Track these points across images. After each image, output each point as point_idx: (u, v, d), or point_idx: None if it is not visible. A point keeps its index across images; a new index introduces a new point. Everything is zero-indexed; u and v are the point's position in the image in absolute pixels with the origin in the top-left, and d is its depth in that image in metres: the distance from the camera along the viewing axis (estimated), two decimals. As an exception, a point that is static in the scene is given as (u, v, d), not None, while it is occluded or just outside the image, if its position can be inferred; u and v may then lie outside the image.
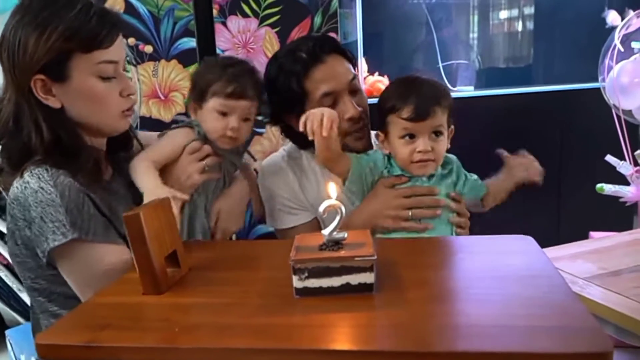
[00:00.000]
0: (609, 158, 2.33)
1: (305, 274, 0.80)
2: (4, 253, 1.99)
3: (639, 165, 2.32)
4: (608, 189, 2.32)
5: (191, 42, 2.01)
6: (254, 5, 2.09)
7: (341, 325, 0.75)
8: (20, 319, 2.04)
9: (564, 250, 1.64)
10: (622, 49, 2.37)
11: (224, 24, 2.07)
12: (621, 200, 2.35)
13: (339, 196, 0.87)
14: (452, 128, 1.28)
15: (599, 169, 2.36)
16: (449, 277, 0.92)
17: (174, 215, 0.97)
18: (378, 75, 2.69)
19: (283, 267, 0.82)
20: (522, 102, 2.85)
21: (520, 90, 2.95)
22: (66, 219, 1.00)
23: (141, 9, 1.96)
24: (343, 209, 0.84)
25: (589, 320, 0.71)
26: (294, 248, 0.83)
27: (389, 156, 1.28)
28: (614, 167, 2.34)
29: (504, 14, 3.48)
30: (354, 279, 0.81)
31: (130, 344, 0.73)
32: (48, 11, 1.02)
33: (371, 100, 1.43)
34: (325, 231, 0.83)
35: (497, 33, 3.51)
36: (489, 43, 3.54)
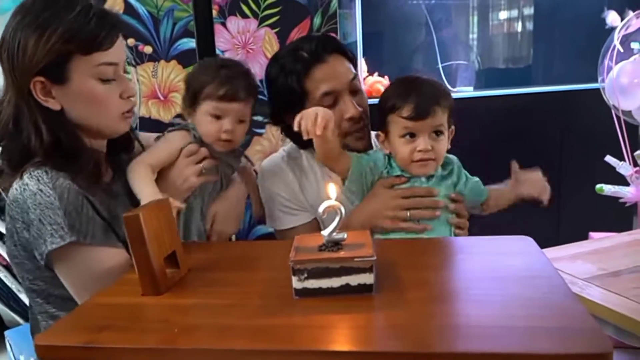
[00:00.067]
0: (609, 159, 2.33)
1: (305, 275, 0.80)
2: (4, 254, 1.99)
3: (638, 166, 2.32)
4: (608, 189, 2.32)
5: (191, 43, 2.01)
6: (253, 6, 2.09)
7: (341, 326, 0.75)
8: (20, 320, 2.03)
9: (563, 250, 1.64)
10: (622, 50, 2.37)
11: (224, 24, 2.07)
12: (621, 200, 2.35)
13: (338, 197, 0.86)
14: (453, 129, 1.28)
15: (599, 169, 2.36)
16: (448, 278, 0.92)
17: (173, 216, 0.97)
18: (377, 75, 2.69)
19: (282, 268, 0.82)
20: (522, 103, 2.85)
21: (519, 90, 2.95)
22: (64, 221, 0.99)
23: (141, 9, 1.96)
24: (342, 210, 0.84)
25: (589, 320, 0.71)
26: (294, 249, 0.83)
27: (389, 156, 1.28)
28: (613, 168, 2.34)
29: (503, 15, 3.48)
30: (354, 280, 0.81)
31: (129, 345, 0.73)
32: (48, 13, 1.02)
33: (370, 101, 1.43)
34: (325, 232, 0.83)
35: (497, 33, 3.51)
36: (488, 43, 3.54)
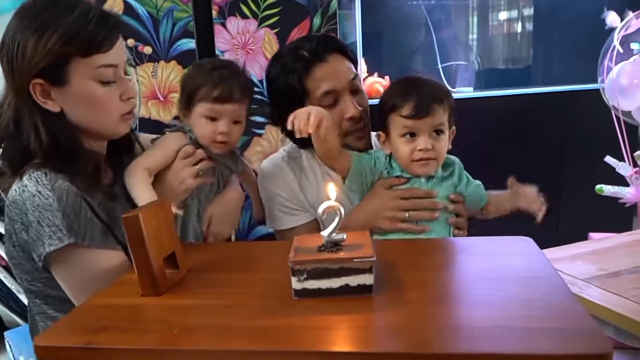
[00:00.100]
0: (609, 159, 2.33)
1: (304, 275, 0.80)
2: (3, 254, 1.99)
3: (638, 167, 2.32)
4: (607, 190, 2.32)
5: (190, 43, 2.01)
6: (253, 7, 2.09)
7: (340, 326, 0.75)
8: (20, 321, 2.03)
9: (563, 251, 1.64)
10: (622, 50, 2.37)
11: (223, 25, 2.07)
12: (620, 201, 2.35)
13: (338, 197, 0.86)
14: (454, 129, 1.28)
15: (599, 170, 2.36)
16: (448, 279, 0.92)
17: (172, 217, 0.97)
18: (377, 76, 2.69)
19: (282, 269, 0.82)
20: (522, 103, 2.85)
21: (519, 91, 2.95)
22: (63, 223, 0.99)
23: (140, 10, 1.96)
24: (342, 211, 0.84)
25: (588, 321, 0.71)
26: (293, 249, 0.83)
27: (390, 157, 1.28)
28: (613, 168, 2.34)
29: (503, 15, 3.48)
30: (353, 281, 0.81)
31: (129, 346, 0.73)
32: (47, 15, 1.01)
33: (370, 101, 1.43)
34: (325, 232, 0.83)
35: (497, 34, 3.51)
36: (488, 44, 3.54)
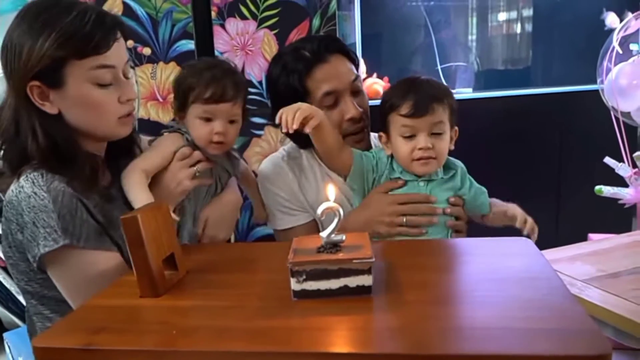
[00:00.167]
0: (608, 160, 2.33)
1: (303, 277, 0.80)
2: (1, 255, 1.99)
3: (637, 167, 2.32)
4: (607, 190, 2.31)
5: (190, 44, 2.01)
6: (252, 8, 2.09)
7: (339, 327, 0.75)
8: (19, 322, 2.03)
9: (562, 252, 1.63)
10: (621, 51, 2.37)
11: (223, 26, 2.07)
12: (620, 202, 2.35)
13: (337, 198, 0.86)
14: (456, 129, 1.27)
15: (598, 170, 2.36)
16: (447, 280, 0.92)
17: (171, 218, 0.97)
18: (376, 77, 2.69)
19: (281, 270, 0.82)
20: (521, 104, 2.84)
21: (519, 92, 2.94)
22: (58, 224, 0.99)
23: (139, 11, 1.95)
24: (341, 212, 0.84)
25: (588, 322, 0.71)
26: (292, 250, 0.83)
27: (392, 158, 1.28)
28: (612, 169, 2.34)
29: (502, 16, 3.48)
30: (352, 282, 0.81)
31: (127, 347, 0.72)
32: (45, 17, 1.01)
33: (369, 102, 1.43)
34: (324, 233, 0.83)
35: (496, 35, 3.50)
36: (487, 45, 3.54)
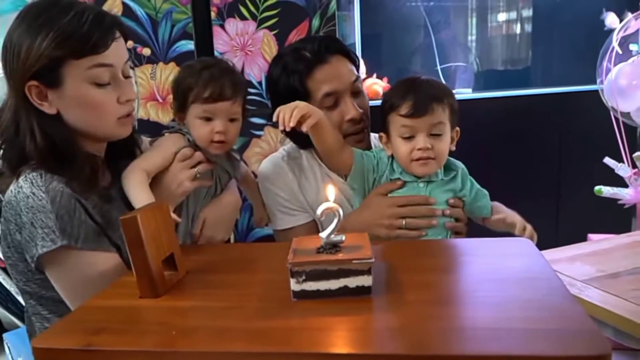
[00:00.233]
0: (607, 160, 2.33)
1: (303, 277, 0.80)
2: (1, 255, 1.99)
3: (637, 168, 2.32)
4: (606, 191, 2.31)
5: (189, 45, 2.01)
6: (252, 8, 2.09)
7: (339, 328, 0.75)
8: (18, 322, 2.03)
9: (562, 252, 1.63)
10: (620, 52, 2.37)
11: (222, 26, 2.07)
12: (619, 202, 2.35)
13: (337, 199, 0.86)
14: (458, 130, 1.26)
15: (598, 171, 2.36)
16: (447, 280, 0.91)
17: (171, 218, 0.97)
18: (376, 77, 2.69)
19: (281, 270, 0.82)
20: (521, 105, 2.85)
21: (518, 92, 2.95)
22: (56, 225, 0.99)
23: (139, 11, 1.95)
24: (341, 212, 0.84)
25: (587, 322, 0.70)
26: (292, 251, 0.83)
27: (392, 159, 1.27)
28: (612, 170, 2.34)
29: (502, 17, 3.48)
30: (352, 282, 0.81)
31: (127, 348, 0.72)
32: (44, 17, 1.02)
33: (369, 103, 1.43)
34: (323, 234, 0.83)
35: (496, 35, 3.51)
36: (487, 45, 3.54)
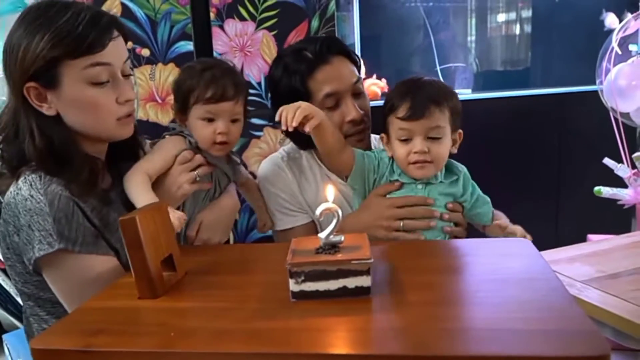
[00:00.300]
0: (607, 161, 2.33)
1: (302, 278, 0.80)
2: (0, 257, 1.98)
3: (636, 168, 2.33)
4: (606, 191, 2.32)
5: (188, 46, 2.01)
6: (251, 9, 2.09)
7: (338, 328, 0.75)
8: (18, 324, 2.02)
9: (562, 253, 1.63)
10: (620, 52, 2.37)
11: (221, 27, 2.07)
12: (619, 202, 2.35)
13: (336, 199, 0.86)
14: (460, 132, 1.25)
15: (597, 171, 2.37)
16: (446, 280, 0.91)
17: (170, 219, 0.97)
18: (375, 78, 2.69)
19: (280, 271, 0.82)
20: (520, 105, 2.85)
21: (518, 93, 2.94)
22: (53, 228, 0.99)
23: (138, 12, 1.95)
24: (340, 213, 0.84)
25: (587, 323, 0.70)
26: (291, 251, 0.83)
27: (393, 160, 1.27)
28: (611, 170, 2.34)
29: (501, 17, 3.48)
30: (351, 282, 0.80)
31: (126, 349, 0.72)
32: (41, 19, 1.02)
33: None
34: (322, 234, 0.83)
35: (495, 36, 3.50)
36: (486, 46, 3.54)
